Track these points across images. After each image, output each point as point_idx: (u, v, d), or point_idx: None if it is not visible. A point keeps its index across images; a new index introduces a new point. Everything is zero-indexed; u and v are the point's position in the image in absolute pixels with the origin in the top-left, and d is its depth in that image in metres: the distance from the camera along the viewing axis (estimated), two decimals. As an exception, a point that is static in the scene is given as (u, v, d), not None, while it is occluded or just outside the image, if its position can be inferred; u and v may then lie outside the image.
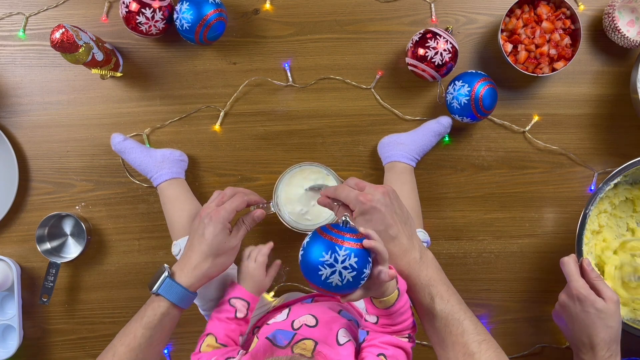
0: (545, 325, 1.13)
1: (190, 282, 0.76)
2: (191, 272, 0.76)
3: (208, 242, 0.76)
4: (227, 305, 0.84)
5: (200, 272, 0.76)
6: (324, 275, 0.59)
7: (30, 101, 1.08)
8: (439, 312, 0.67)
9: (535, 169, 1.11)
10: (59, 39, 0.88)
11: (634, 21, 1.08)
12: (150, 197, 1.10)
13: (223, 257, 0.78)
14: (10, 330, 1.08)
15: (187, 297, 0.76)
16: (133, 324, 0.75)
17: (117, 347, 0.73)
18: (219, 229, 0.77)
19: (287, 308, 0.89)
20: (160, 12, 0.98)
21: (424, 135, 1.05)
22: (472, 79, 1.00)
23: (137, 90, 1.08)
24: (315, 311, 0.82)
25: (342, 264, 0.59)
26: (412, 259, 0.70)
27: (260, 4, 1.08)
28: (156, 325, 0.74)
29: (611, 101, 1.10)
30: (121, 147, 1.03)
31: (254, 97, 1.09)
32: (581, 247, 0.96)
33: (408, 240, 0.72)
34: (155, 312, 0.74)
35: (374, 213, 0.70)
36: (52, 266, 1.05)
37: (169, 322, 0.76)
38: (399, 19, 1.09)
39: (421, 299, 0.69)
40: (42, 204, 1.09)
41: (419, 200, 1.04)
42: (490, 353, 0.65)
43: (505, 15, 1.03)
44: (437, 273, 0.71)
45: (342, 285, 0.60)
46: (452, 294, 0.69)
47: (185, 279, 0.76)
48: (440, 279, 0.70)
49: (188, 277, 0.76)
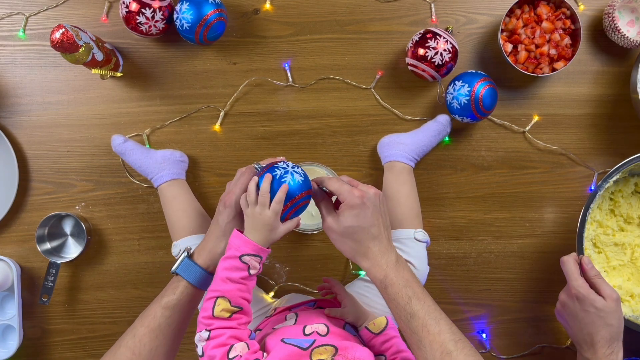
0: (545, 325, 1.13)
1: (206, 263, 0.78)
2: (207, 254, 0.79)
3: (221, 228, 0.79)
4: (238, 262, 0.73)
5: (215, 254, 0.78)
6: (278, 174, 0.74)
7: (30, 101, 1.08)
8: (417, 312, 0.69)
9: (535, 169, 1.11)
10: (59, 39, 0.88)
11: (634, 21, 1.08)
12: (150, 197, 1.10)
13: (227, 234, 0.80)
14: (10, 330, 1.08)
15: (204, 277, 0.78)
16: (153, 305, 0.77)
17: (137, 328, 0.75)
18: (231, 216, 0.79)
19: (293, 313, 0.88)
20: (160, 12, 0.98)
21: (424, 135, 1.05)
22: (472, 79, 1.00)
23: (137, 90, 1.08)
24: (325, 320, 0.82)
25: (293, 168, 0.75)
26: (390, 260, 0.73)
27: (260, 4, 1.08)
28: (175, 305, 0.75)
29: (611, 101, 1.10)
30: (122, 148, 1.03)
31: (254, 97, 1.09)
32: (582, 243, 0.96)
33: (387, 243, 0.75)
34: (174, 292, 0.76)
35: (363, 209, 0.73)
36: (52, 266, 1.05)
37: (188, 303, 0.77)
38: (399, 19, 1.09)
39: (399, 299, 0.71)
40: (42, 204, 1.09)
41: (419, 201, 1.04)
42: (467, 351, 0.66)
43: (505, 15, 1.03)
44: (412, 276, 0.73)
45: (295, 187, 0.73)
46: (427, 296, 0.72)
47: (202, 260, 0.78)
48: (415, 281, 0.73)
49: (204, 259, 0.78)
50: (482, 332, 1.12)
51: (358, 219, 0.73)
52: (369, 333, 0.81)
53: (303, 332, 0.78)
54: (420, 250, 0.98)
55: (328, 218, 0.75)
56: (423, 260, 0.97)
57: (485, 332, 1.12)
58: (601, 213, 1.05)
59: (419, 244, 0.98)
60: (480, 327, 1.13)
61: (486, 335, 1.12)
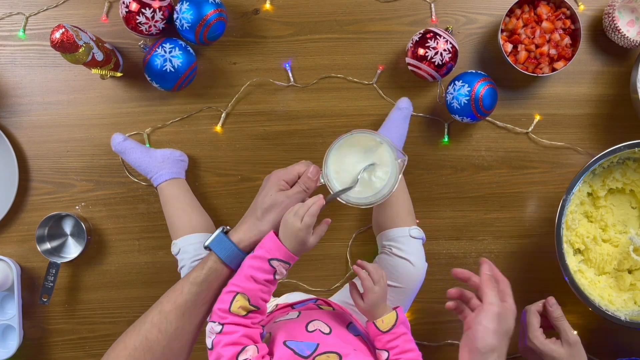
0: (545, 325, 1.13)
1: (239, 238, 0.76)
2: (242, 228, 0.77)
3: (260, 199, 0.77)
4: (266, 264, 0.73)
5: (249, 228, 0.76)
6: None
7: (30, 101, 1.08)
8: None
9: (535, 169, 1.11)
10: (59, 39, 0.88)
11: (634, 21, 1.08)
12: (150, 197, 1.10)
13: (271, 212, 0.77)
14: (10, 330, 1.08)
15: (236, 254, 0.75)
16: (181, 281, 0.74)
17: (163, 304, 0.72)
18: (272, 186, 0.77)
19: (294, 310, 0.88)
20: (160, 12, 0.98)
21: (394, 126, 1.04)
22: (472, 79, 1.00)
23: (137, 90, 1.08)
24: (326, 319, 0.81)
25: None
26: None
27: (260, 4, 1.08)
28: (203, 281, 0.73)
29: (611, 101, 1.10)
30: (121, 147, 1.03)
31: (254, 97, 1.09)
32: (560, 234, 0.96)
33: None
34: (203, 267, 0.74)
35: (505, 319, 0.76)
36: (52, 266, 1.05)
37: (216, 280, 0.74)
38: (399, 19, 1.09)
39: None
40: (42, 204, 1.09)
41: (410, 198, 1.04)
42: None
43: (505, 15, 1.03)
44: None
45: None
46: None
47: (237, 235, 0.76)
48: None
49: (239, 234, 0.76)
50: (482, 332, 1.12)
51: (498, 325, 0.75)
52: (375, 329, 0.78)
53: (306, 329, 0.77)
54: (416, 247, 0.98)
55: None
56: (420, 257, 0.97)
57: (485, 332, 1.12)
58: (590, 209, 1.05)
59: (414, 241, 0.98)
60: (480, 327, 1.12)
61: (486, 335, 1.12)
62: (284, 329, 0.77)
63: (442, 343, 1.12)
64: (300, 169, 0.79)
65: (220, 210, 1.10)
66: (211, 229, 1.02)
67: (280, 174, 0.78)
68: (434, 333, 1.12)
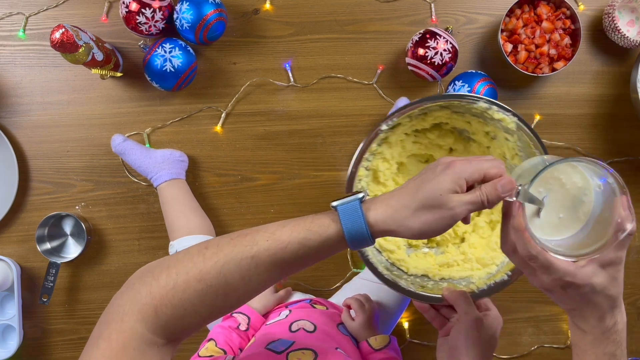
0: (545, 325, 1.13)
1: (377, 219, 0.57)
2: (385, 209, 0.57)
3: (424, 188, 0.57)
4: (232, 318, 0.86)
5: (393, 214, 0.57)
6: None
7: (30, 101, 1.08)
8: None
9: (535, 169, 1.11)
10: (59, 39, 0.88)
11: (634, 21, 1.08)
12: (150, 197, 1.10)
13: (431, 212, 0.56)
14: (10, 330, 1.08)
15: (363, 238, 0.57)
16: (289, 230, 0.57)
17: (260, 250, 0.56)
18: (447, 181, 0.56)
19: (287, 309, 0.89)
20: (160, 12, 0.98)
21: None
22: (472, 79, 1.00)
23: (137, 90, 1.08)
24: (314, 318, 0.82)
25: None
26: None
27: (260, 4, 1.08)
28: (313, 247, 0.57)
29: (611, 101, 1.10)
30: (121, 148, 1.03)
31: (254, 98, 1.09)
32: (352, 182, 0.79)
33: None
34: (320, 232, 0.57)
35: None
36: (52, 266, 1.05)
37: (325, 251, 0.58)
38: (399, 19, 1.09)
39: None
40: (42, 204, 1.09)
41: None
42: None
43: (505, 15, 1.03)
44: None
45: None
46: None
47: (375, 214, 0.57)
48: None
49: (378, 213, 0.57)
50: (482, 332, 1.12)
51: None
52: (368, 347, 0.81)
53: (289, 329, 0.78)
54: None
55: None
56: None
57: (485, 332, 1.12)
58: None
59: None
60: (480, 327, 1.13)
61: (486, 335, 1.12)
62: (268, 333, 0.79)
63: (442, 343, 1.12)
64: (490, 170, 0.57)
65: (220, 210, 1.10)
66: (210, 231, 1.03)
67: (464, 167, 0.57)
68: (434, 333, 1.12)
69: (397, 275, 0.80)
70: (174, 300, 0.51)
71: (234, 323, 0.86)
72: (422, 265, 0.83)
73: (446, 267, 0.85)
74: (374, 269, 0.77)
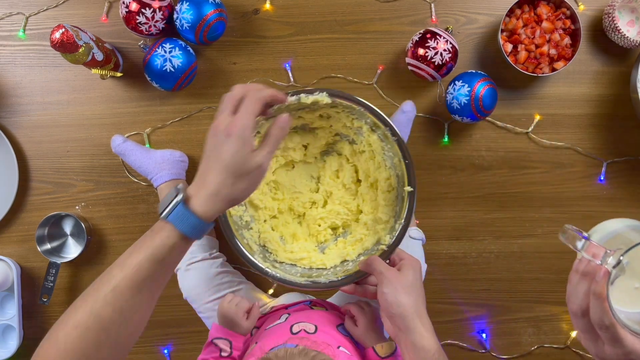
0: (545, 325, 1.13)
1: (205, 210, 0.61)
2: (208, 198, 0.62)
3: (227, 162, 0.62)
4: (211, 346, 0.84)
5: (219, 199, 0.62)
6: None
7: (30, 101, 1.08)
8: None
9: (535, 169, 1.11)
10: (59, 39, 0.88)
11: (634, 21, 1.08)
12: (150, 197, 1.10)
13: (247, 179, 0.62)
14: (10, 330, 1.08)
15: (202, 228, 0.62)
16: (137, 254, 0.61)
17: (117, 280, 0.59)
18: (239, 145, 0.61)
19: (286, 312, 0.88)
20: (160, 12, 0.98)
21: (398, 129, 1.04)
22: (472, 79, 1.00)
23: (137, 90, 1.08)
24: (315, 319, 0.82)
25: None
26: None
27: (260, 4, 1.08)
28: (164, 258, 0.61)
29: (611, 101, 1.10)
30: (121, 148, 1.03)
31: (254, 97, 1.09)
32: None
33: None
34: (164, 244, 0.60)
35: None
36: (52, 266, 1.05)
37: (178, 256, 0.63)
38: (399, 19, 1.09)
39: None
40: (42, 204, 1.09)
41: None
42: None
43: (505, 15, 1.03)
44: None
45: None
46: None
47: (201, 207, 0.61)
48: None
49: (204, 205, 0.61)
50: (482, 332, 1.12)
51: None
52: (374, 354, 0.80)
53: (290, 331, 0.78)
54: (416, 247, 0.98)
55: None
56: (420, 258, 0.97)
57: (485, 332, 1.12)
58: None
59: (414, 242, 0.98)
60: (480, 327, 1.13)
61: (486, 335, 1.12)
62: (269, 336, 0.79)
63: (442, 343, 1.12)
64: (258, 103, 0.62)
65: (220, 210, 1.10)
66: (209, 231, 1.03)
67: (242, 123, 0.61)
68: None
69: (318, 275, 0.86)
70: (64, 354, 0.56)
71: (216, 352, 0.83)
72: (339, 254, 0.91)
73: (358, 243, 0.92)
74: (295, 284, 0.84)
